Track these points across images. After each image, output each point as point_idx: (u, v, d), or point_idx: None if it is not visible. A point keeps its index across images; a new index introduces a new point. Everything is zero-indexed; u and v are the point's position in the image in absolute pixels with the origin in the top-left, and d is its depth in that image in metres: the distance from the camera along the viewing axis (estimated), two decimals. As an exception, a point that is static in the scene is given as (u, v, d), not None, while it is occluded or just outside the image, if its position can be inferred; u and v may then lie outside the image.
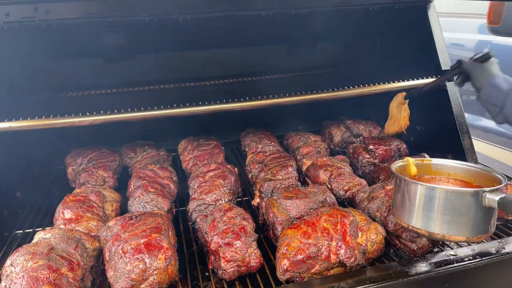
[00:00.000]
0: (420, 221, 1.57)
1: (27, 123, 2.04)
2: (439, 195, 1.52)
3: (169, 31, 2.55)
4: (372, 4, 2.47)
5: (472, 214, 1.49)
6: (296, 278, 1.66)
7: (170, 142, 3.14)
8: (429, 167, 1.82)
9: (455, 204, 1.49)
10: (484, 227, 1.53)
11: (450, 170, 1.79)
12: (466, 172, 1.75)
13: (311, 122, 3.48)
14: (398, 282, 1.56)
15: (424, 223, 1.56)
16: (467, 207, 1.49)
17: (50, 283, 1.47)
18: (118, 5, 2.08)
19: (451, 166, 1.79)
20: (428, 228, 1.55)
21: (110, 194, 2.27)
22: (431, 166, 1.82)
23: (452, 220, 1.51)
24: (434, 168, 1.81)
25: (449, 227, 1.52)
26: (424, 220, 1.56)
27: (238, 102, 2.29)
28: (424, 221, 1.56)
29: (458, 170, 1.78)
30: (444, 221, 1.52)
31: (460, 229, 1.52)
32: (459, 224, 1.51)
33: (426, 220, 1.55)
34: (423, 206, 1.55)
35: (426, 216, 1.55)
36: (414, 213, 1.58)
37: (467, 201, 1.49)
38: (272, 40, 3.12)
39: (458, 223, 1.51)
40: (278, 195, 2.05)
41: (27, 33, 2.13)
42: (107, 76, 2.87)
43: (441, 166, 1.81)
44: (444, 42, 2.62)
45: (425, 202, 1.54)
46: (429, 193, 1.54)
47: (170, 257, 1.61)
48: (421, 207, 1.56)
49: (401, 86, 2.54)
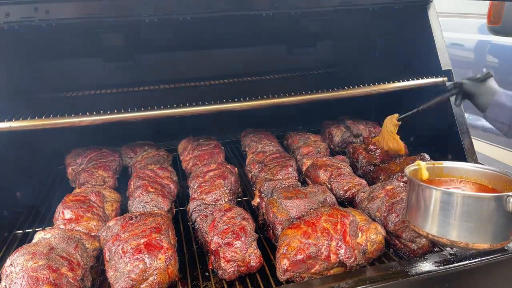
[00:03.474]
0: (442, 229, 1.49)
1: (27, 123, 2.04)
2: (461, 201, 1.44)
3: (169, 31, 2.55)
4: (372, 4, 2.46)
5: (495, 220, 1.42)
6: (296, 278, 1.66)
7: (170, 142, 3.14)
8: (441, 170, 1.75)
9: (478, 210, 1.42)
10: (506, 233, 1.46)
11: (463, 173, 1.73)
12: (480, 174, 1.69)
13: (311, 122, 3.47)
14: (398, 282, 1.56)
15: (445, 231, 1.48)
16: (490, 213, 1.42)
17: (50, 283, 1.47)
18: (118, 5, 2.07)
19: (464, 169, 1.73)
20: (450, 237, 1.47)
21: (110, 194, 2.27)
22: (443, 170, 1.75)
23: (474, 227, 1.43)
24: (446, 172, 1.75)
25: (472, 234, 1.44)
26: (445, 228, 1.48)
27: (238, 102, 2.29)
28: (446, 229, 1.48)
29: (471, 173, 1.71)
30: (467, 228, 1.44)
31: (483, 236, 1.44)
32: (482, 231, 1.44)
33: (447, 228, 1.47)
34: (444, 214, 1.47)
35: (447, 223, 1.47)
36: (434, 221, 1.50)
37: (490, 206, 1.41)
38: (272, 40, 3.12)
39: (481, 230, 1.44)
40: (278, 195, 2.05)
41: (27, 33, 2.13)
42: (107, 76, 2.87)
43: (453, 169, 1.75)
44: (444, 42, 2.62)
45: (446, 209, 1.46)
46: (450, 199, 1.45)
47: (170, 257, 1.61)
48: (442, 215, 1.47)
49: (401, 86, 2.54)
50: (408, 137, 2.78)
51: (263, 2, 2.24)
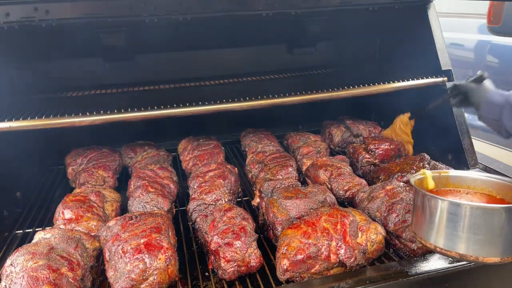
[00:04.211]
0: (449, 242, 1.43)
1: (27, 123, 2.04)
2: (470, 213, 1.38)
3: (169, 31, 2.54)
4: (372, 4, 2.46)
5: (505, 232, 1.37)
6: (296, 278, 1.66)
7: (170, 142, 3.14)
8: (447, 179, 1.70)
9: (488, 221, 1.37)
10: None
11: (470, 183, 1.68)
12: (487, 184, 1.64)
13: (311, 122, 3.48)
14: (398, 282, 1.56)
15: (453, 244, 1.42)
16: (500, 225, 1.37)
17: (50, 283, 1.47)
18: (118, 5, 2.07)
19: (471, 178, 1.68)
20: (459, 250, 1.41)
21: (110, 194, 2.27)
22: (449, 179, 1.70)
23: (484, 240, 1.38)
24: (452, 181, 1.70)
25: (481, 247, 1.38)
26: (453, 240, 1.42)
27: (238, 102, 2.29)
28: (453, 241, 1.42)
29: (478, 182, 1.66)
30: (476, 241, 1.38)
31: (493, 249, 1.39)
32: (492, 243, 1.39)
33: (455, 240, 1.42)
34: (452, 226, 1.41)
35: (455, 236, 1.41)
36: (441, 233, 1.45)
37: (500, 218, 1.37)
38: (272, 40, 3.12)
39: (490, 242, 1.38)
40: (278, 195, 2.05)
41: (27, 33, 2.13)
42: (107, 76, 2.87)
43: (460, 179, 1.70)
44: (444, 42, 2.62)
45: (454, 221, 1.40)
46: (458, 211, 1.40)
47: (170, 257, 1.61)
48: (450, 227, 1.42)
49: (401, 86, 2.54)
50: (408, 137, 2.78)
51: (263, 2, 2.24)
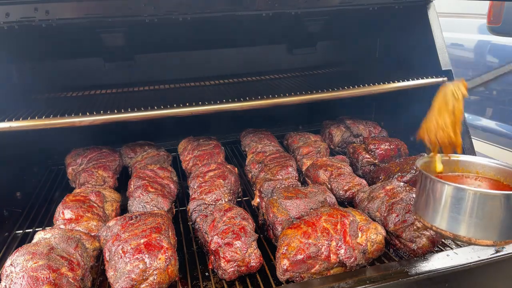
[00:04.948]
0: (446, 222, 1.49)
1: (27, 123, 2.04)
2: (470, 197, 1.42)
3: (169, 31, 2.55)
4: (372, 4, 2.47)
5: (502, 217, 1.41)
6: (296, 278, 1.66)
7: (170, 142, 3.15)
8: (457, 164, 1.73)
9: (487, 207, 1.41)
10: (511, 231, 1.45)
11: (479, 168, 1.70)
12: (496, 170, 1.66)
13: (311, 122, 3.48)
14: (398, 282, 1.56)
15: (449, 225, 1.48)
16: (498, 210, 1.40)
17: (50, 283, 1.47)
18: (118, 5, 2.07)
19: (480, 164, 1.70)
20: (454, 231, 1.47)
21: (110, 194, 2.27)
22: (459, 163, 1.72)
23: (481, 224, 1.42)
24: (461, 165, 1.72)
25: (476, 230, 1.43)
26: (450, 222, 1.48)
27: (238, 102, 2.29)
28: (450, 223, 1.48)
29: (487, 168, 1.68)
30: (472, 224, 1.43)
31: (488, 232, 1.44)
32: (488, 227, 1.43)
33: (452, 222, 1.47)
34: (451, 208, 1.47)
35: (453, 218, 1.46)
36: (439, 214, 1.50)
37: (498, 203, 1.41)
38: (272, 40, 3.12)
39: (487, 226, 1.43)
40: (278, 195, 2.05)
41: (27, 33, 2.13)
42: (107, 76, 2.87)
43: (469, 164, 1.72)
44: (444, 42, 2.62)
45: (453, 203, 1.46)
46: (458, 195, 1.45)
47: (170, 257, 1.61)
48: (448, 209, 1.47)
49: (401, 86, 2.53)
50: (408, 137, 2.78)
51: (263, 2, 2.25)
